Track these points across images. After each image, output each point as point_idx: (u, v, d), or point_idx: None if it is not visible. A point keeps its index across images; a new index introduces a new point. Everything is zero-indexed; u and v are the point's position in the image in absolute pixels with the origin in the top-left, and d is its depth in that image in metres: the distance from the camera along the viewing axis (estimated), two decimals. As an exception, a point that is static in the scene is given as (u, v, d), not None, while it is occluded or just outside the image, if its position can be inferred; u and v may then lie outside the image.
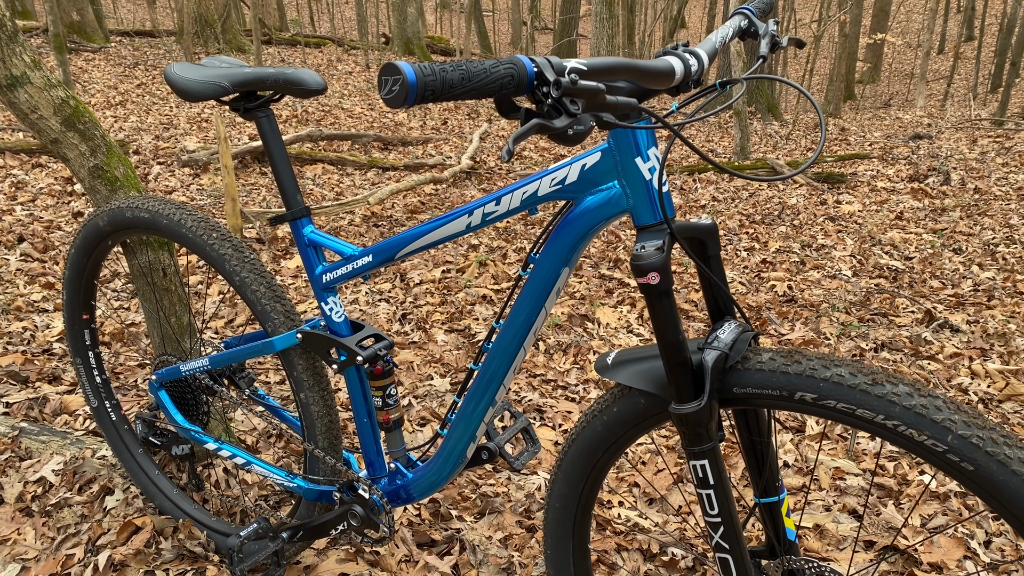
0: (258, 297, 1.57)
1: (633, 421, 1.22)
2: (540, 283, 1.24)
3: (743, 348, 1.09)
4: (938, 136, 9.79)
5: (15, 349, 2.90)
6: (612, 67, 0.92)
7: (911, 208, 5.99)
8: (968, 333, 3.49)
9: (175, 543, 1.94)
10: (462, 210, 1.27)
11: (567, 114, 0.81)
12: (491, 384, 1.36)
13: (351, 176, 6.55)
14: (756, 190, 6.62)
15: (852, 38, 18.67)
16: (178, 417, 1.81)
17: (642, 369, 1.17)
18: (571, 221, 1.18)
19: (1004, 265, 4.53)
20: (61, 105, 1.74)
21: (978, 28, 23.63)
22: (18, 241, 4.12)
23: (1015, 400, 2.85)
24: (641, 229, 1.10)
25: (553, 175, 1.17)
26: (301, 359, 1.57)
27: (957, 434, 0.95)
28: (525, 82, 0.81)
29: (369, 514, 1.56)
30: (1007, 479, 0.93)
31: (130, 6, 24.78)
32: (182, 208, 1.64)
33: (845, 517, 2.15)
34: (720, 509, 1.13)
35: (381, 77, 0.74)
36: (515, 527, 2.07)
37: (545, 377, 3.00)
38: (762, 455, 1.20)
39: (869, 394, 0.99)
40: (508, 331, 1.30)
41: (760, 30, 1.22)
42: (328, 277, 1.48)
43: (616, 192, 1.12)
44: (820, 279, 4.29)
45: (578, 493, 1.33)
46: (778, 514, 1.23)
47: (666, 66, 1.00)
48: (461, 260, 4.42)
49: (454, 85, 0.76)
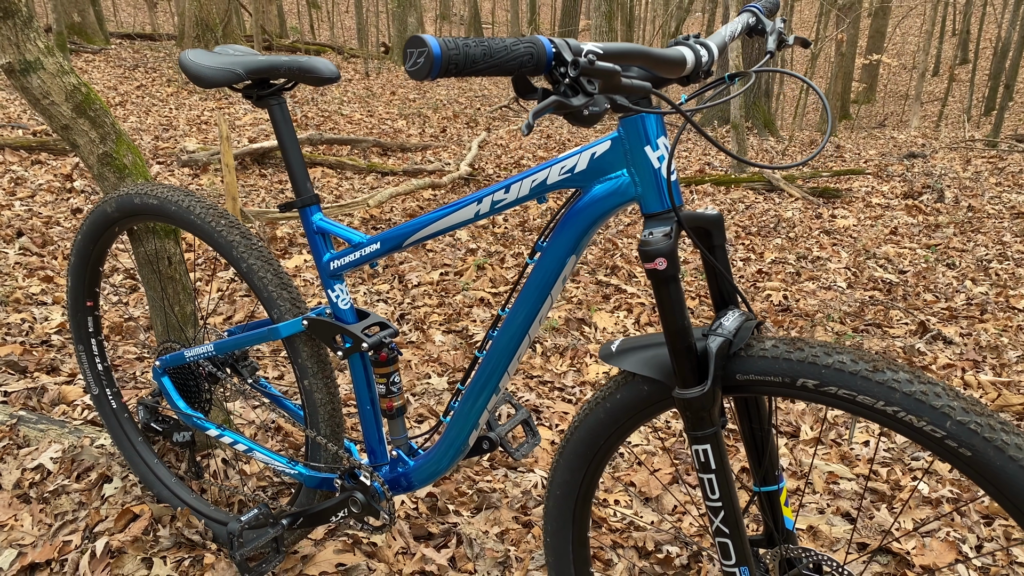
0: (265, 284, 1.58)
1: (636, 408, 1.23)
2: (547, 271, 1.26)
3: (746, 335, 1.11)
4: (932, 155, 9.87)
5: (13, 340, 2.91)
6: (626, 52, 0.94)
7: (905, 224, 6.04)
8: (961, 345, 3.53)
9: (173, 531, 1.94)
10: (471, 198, 1.29)
11: (584, 93, 0.83)
12: (495, 372, 1.37)
13: (350, 180, 6.57)
14: (752, 203, 6.67)
15: (848, 58, 18.82)
16: (180, 403, 1.82)
17: (647, 356, 1.18)
18: (580, 210, 1.20)
19: (997, 280, 4.58)
20: (73, 92, 1.76)
21: (973, 51, 23.85)
22: (17, 235, 4.12)
23: (1007, 411, 2.88)
24: (649, 217, 1.12)
25: (563, 163, 1.19)
26: (306, 346, 1.58)
27: (956, 420, 0.97)
28: (544, 61, 0.84)
29: (370, 501, 1.57)
30: (1004, 464, 0.95)
31: (130, 9, 24.85)
32: (191, 195, 1.66)
33: (839, 520, 2.17)
34: (721, 494, 1.14)
35: (407, 50, 0.76)
36: (512, 522, 2.09)
37: (542, 379, 3.02)
38: (762, 444, 1.22)
39: (870, 380, 1.01)
40: (514, 318, 1.32)
41: (768, 27, 1.25)
42: (335, 264, 1.50)
43: (625, 181, 1.14)
44: (815, 290, 4.32)
45: (579, 480, 1.35)
46: (777, 503, 1.25)
47: (678, 55, 1.02)
48: (459, 263, 4.44)
49: (476, 60, 0.78)
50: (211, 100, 9.83)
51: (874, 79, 24.34)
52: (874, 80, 24.35)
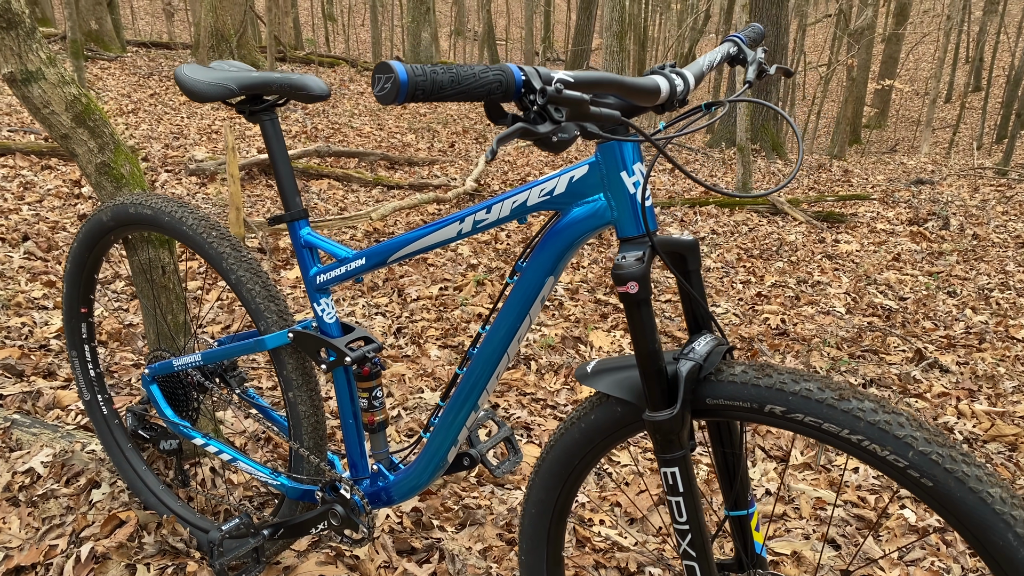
0: (253, 296, 1.60)
1: (610, 429, 1.25)
2: (526, 291, 1.28)
3: (717, 360, 1.12)
4: (940, 182, 9.87)
5: (12, 343, 2.94)
6: (599, 81, 0.96)
7: (908, 250, 6.04)
8: (957, 374, 3.52)
9: (158, 538, 1.95)
10: (454, 217, 1.31)
11: (551, 121, 0.85)
12: (475, 389, 1.39)
13: (356, 192, 6.62)
14: (756, 225, 6.68)
15: (860, 83, 18.86)
16: (168, 411, 1.84)
17: (620, 378, 1.20)
18: (558, 231, 1.22)
19: (997, 310, 4.57)
20: (73, 102, 1.79)
21: (986, 79, 23.87)
22: (23, 239, 4.16)
23: (999, 441, 2.87)
24: (624, 241, 1.14)
25: (542, 186, 1.21)
26: (292, 358, 1.60)
27: (918, 450, 0.98)
28: (513, 88, 0.86)
29: (349, 514, 1.59)
30: (964, 496, 0.96)
31: (149, 18, 25.12)
32: (184, 206, 1.68)
33: (824, 547, 2.17)
34: (688, 517, 1.15)
35: (375, 75, 0.79)
36: (495, 539, 2.09)
37: (535, 396, 3.03)
38: (734, 468, 1.23)
39: (835, 408, 1.03)
40: (493, 337, 1.33)
41: (748, 57, 1.27)
42: (322, 278, 1.52)
43: (601, 204, 1.16)
44: (813, 314, 4.32)
45: (554, 499, 1.36)
46: (747, 527, 1.25)
47: (652, 84, 1.04)
48: (459, 278, 4.46)
49: (444, 87, 0.80)
50: (222, 110, 9.92)
51: (886, 104, 24.37)
52: (886, 105, 24.38)
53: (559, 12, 31.36)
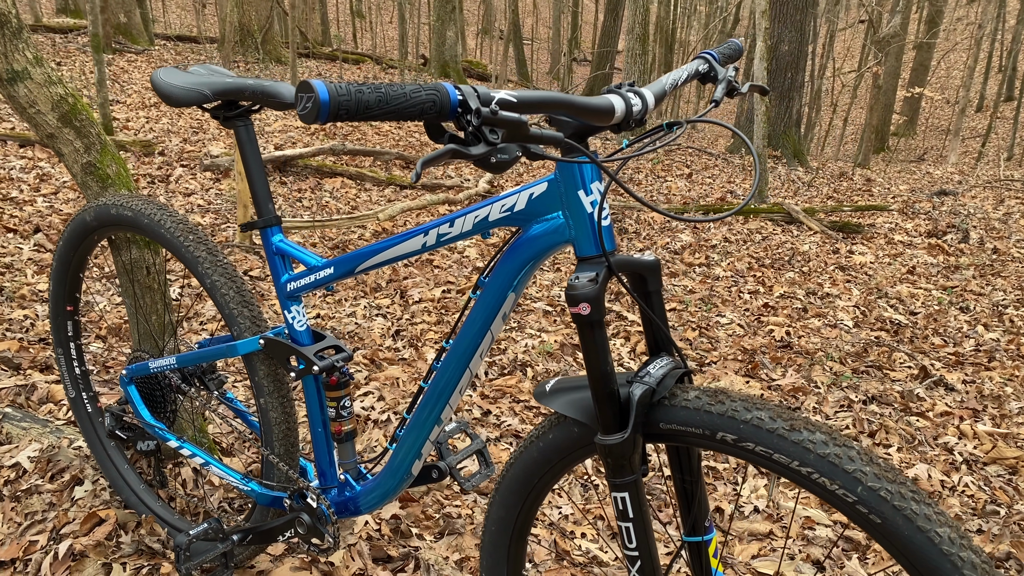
0: (227, 301, 1.60)
1: (567, 449, 1.23)
2: (487, 306, 1.27)
3: (670, 384, 1.10)
4: (964, 193, 9.71)
5: (12, 336, 2.97)
6: (545, 101, 0.94)
7: (924, 263, 5.95)
8: (963, 392, 3.45)
9: (135, 538, 1.96)
10: (419, 230, 1.30)
11: (485, 142, 0.84)
12: (438, 403, 1.38)
13: (368, 192, 6.63)
14: (770, 234, 6.61)
15: (888, 91, 18.63)
16: (144, 413, 1.85)
17: (576, 398, 1.18)
18: (518, 247, 1.20)
19: (1010, 327, 4.48)
20: (59, 102, 1.80)
21: (1019, 89, 23.45)
22: (34, 231, 4.21)
23: (1000, 463, 2.81)
24: (581, 260, 1.12)
25: (503, 201, 1.19)
26: (263, 365, 1.60)
27: (867, 486, 0.95)
28: (448, 108, 0.84)
29: (316, 523, 1.58)
30: (912, 535, 0.93)
31: (179, 11, 25.35)
32: (163, 209, 1.68)
33: (807, 567, 2.14)
34: (638, 543, 1.13)
35: (297, 93, 0.78)
36: (474, 550, 2.08)
37: (528, 404, 3.01)
38: (691, 493, 1.20)
39: (786, 439, 1.00)
40: (455, 352, 1.32)
41: (719, 75, 1.24)
42: (292, 286, 1.52)
43: (560, 222, 1.14)
44: (820, 327, 4.26)
45: (514, 517, 1.34)
46: (705, 554, 1.23)
47: (605, 104, 1.02)
48: (463, 281, 4.45)
49: (370, 107, 0.79)
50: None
51: (916, 112, 24.05)
52: (915, 113, 24.06)
53: (587, 13, 31.23)
